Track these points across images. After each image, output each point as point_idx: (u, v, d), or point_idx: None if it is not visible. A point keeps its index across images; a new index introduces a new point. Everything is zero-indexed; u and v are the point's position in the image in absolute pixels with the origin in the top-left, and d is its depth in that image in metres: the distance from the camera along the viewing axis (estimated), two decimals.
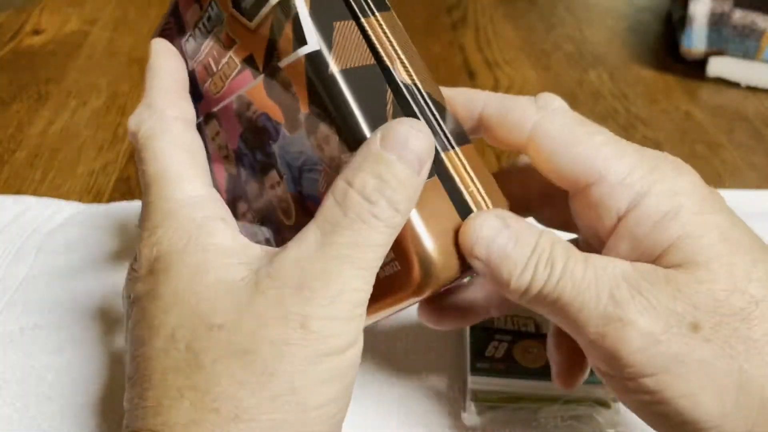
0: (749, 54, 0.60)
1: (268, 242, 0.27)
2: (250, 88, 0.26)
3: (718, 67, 0.61)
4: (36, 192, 0.49)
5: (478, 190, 0.25)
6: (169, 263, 0.23)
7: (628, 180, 0.24)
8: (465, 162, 0.25)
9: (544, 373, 0.31)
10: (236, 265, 0.23)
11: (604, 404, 0.31)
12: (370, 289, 0.23)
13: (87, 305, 0.38)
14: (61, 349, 0.36)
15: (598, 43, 0.70)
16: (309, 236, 0.22)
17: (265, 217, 0.27)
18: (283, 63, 0.24)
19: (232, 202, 0.28)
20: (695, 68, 0.63)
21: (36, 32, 0.71)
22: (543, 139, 0.25)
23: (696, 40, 0.61)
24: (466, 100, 0.27)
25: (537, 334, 0.33)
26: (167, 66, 0.27)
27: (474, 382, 0.32)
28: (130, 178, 0.50)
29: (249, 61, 0.25)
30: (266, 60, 0.25)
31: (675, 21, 0.66)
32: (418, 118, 0.24)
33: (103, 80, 0.63)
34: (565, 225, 0.29)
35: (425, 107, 0.25)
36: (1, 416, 0.32)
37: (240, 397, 0.21)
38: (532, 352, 0.32)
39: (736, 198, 0.47)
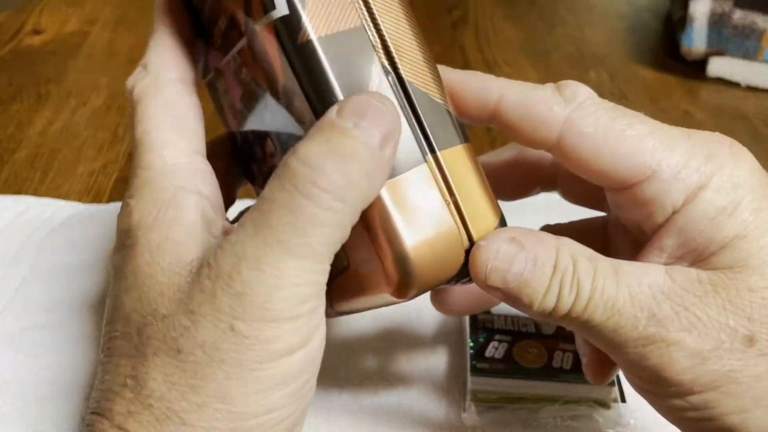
0: (749, 54, 0.60)
1: None
2: (239, 48, 0.23)
3: (718, 67, 0.61)
4: (36, 192, 0.49)
5: (456, 204, 0.22)
6: (136, 239, 0.21)
7: (683, 173, 0.21)
8: (446, 170, 0.22)
9: (544, 373, 0.31)
10: (192, 246, 0.21)
11: (604, 404, 0.31)
12: (323, 280, 0.20)
13: (87, 305, 0.38)
14: (61, 349, 0.36)
15: (598, 43, 0.70)
16: (247, 218, 0.20)
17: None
18: (258, 26, 0.21)
19: (247, 163, 0.26)
20: (695, 68, 0.63)
21: (36, 32, 0.71)
22: (578, 139, 0.22)
23: (696, 40, 0.61)
24: (480, 88, 0.24)
25: (537, 334, 0.33)
26: (167, 23, 0.25)
27: (474, 382, 0.32)
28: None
29: (233, 20, 0.23)
30: (246, 21, 0.22)
31: (675, 21, 0.66)
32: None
33: (102, 80, 0.63)
34: (597, 204, 0.27)
35: (402, 99, 0.21)
36: (2, 416, 0.32)
37: (171, 398, 0.19)
38: (532, 353, 0.32)
39: None
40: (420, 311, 0.37)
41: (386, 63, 0.21)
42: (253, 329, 0.19)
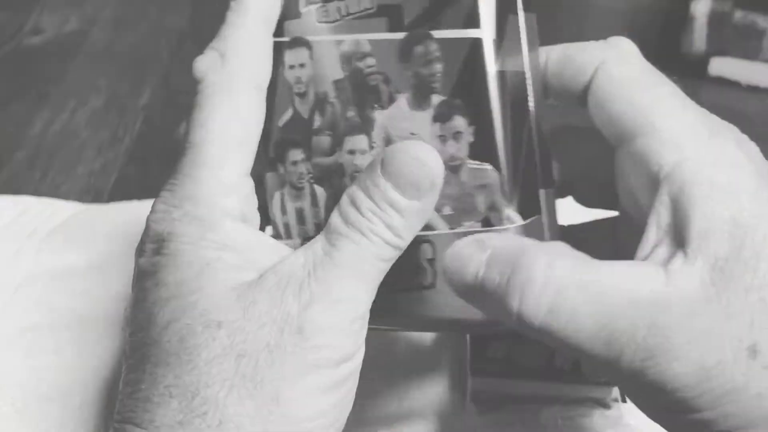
0: (750, 54, 0.60)
1: (312, 198, 0.25)
2: (378, 38, 0.22)
3: (719, 66, 0.61)
4: (36, 192, 0.49)
5: None
6: (179, 251, 0.22)
7: (682, 139, 0.21)
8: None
9: (545, 373, 0.31)
10: (247, 267, 0.22)
11: (604, 404, 0.31)
12: (370, 303, 0.22)
13: (86, 305, 0.38)
14: (60, 349, 0.36)
15: None
16: (317, 242, 0.22)
17: (323, 177, 0.25)
18: (440, 34, 0.21)
19: (282, 144, 0.25)
20: (696, 68, 0.63)
21: (35, 32, 0.71)
22: (603, 80, 0.23)
23: (696, 39, 0.61)
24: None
25: None
26: (259, 5, 0.23)
27: (474, 382, 0.32)
28: (129, 178, 0.50)
29: (389, 9, 0.22)
30: (417, 19, 0.21)
31: (675, 21, 0.66)
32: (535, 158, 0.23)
33: (102, 80, 0.63)
34: (608, 204, 0.27)
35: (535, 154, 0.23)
36: (1, 416, 0.32)
37: (227, 403, 0.20)
38: (533, 353, 0.32)
39: None
40: None
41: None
42: (316, 333, 0.20)
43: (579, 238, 0.23)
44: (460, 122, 0.22)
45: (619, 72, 0.23)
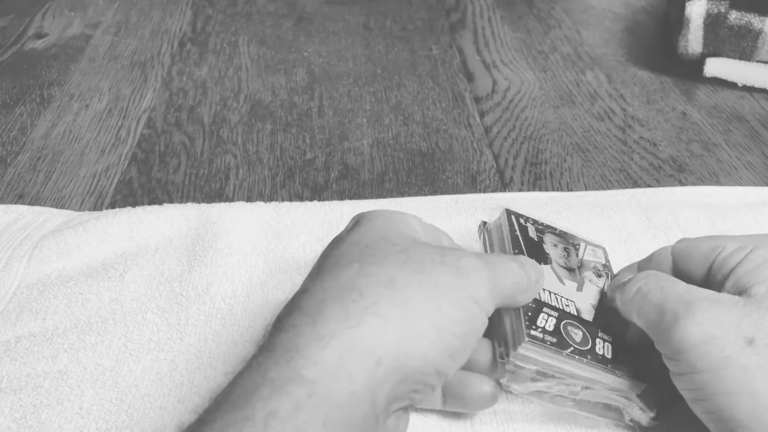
0: (745, 54, 0.60)
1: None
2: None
3: (714, 67, 0.62)
4: (38, 194, 0.49)
5: None
6: (371, 217, 0.32)
7: (739, 246, 0.31)
8: None
9: (593, 357, 0.31)
10: (416, 230, 0.32)
11: (640, 404, 0.32)
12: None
13: (81, 312, 0.38)
14: (56, 356, 0.36)
15: (595, 44, 0.70)
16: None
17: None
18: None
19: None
20: (692, 69, 0.63)
21: (39, 36, 0.72)
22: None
23: (692, 40, 0.61)
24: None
25: (578, 317, 0.33)
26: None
27: (526, 348, 0.31)
28: (132, 180, 0.51)
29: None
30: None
31: (672, 22, 0.67)
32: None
33: (105, 83, 0.63)
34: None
35: None
36: None
37: (398, 274, 0.28)
38: (578, 334, 0.32)
39: (734, 193, 0.47)
40: None
41: None
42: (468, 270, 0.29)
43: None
44: None
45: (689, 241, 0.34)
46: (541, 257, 0.35)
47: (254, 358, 0.25)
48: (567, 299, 0.34)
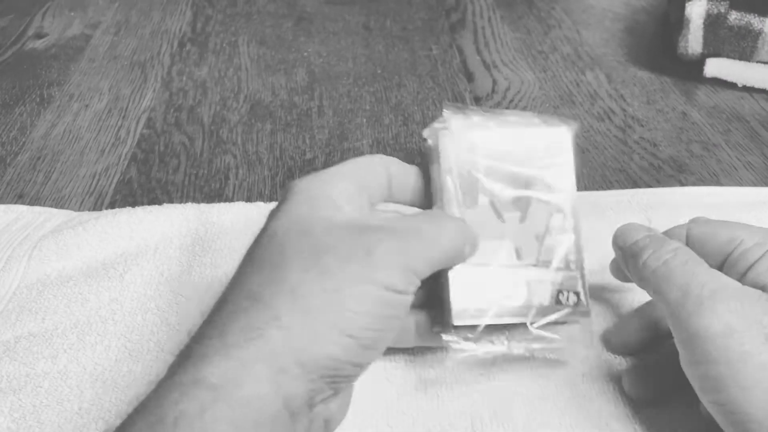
0: (745, 55, 0.60)
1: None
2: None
3: (714, 67, 0.62)
4: (38, 194, 0.49)
5: None
6: (294, 193, 0.30)
7: (759, 241, 0.31)
8: None
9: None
10: (340, 206, 0.30)
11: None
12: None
13: (81, 312, 0.38)
14: (56, 357, 0.36)
15: (595, 44, 0.70)
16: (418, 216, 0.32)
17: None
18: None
19: None
20: (692, 69, 0.63)
21: (39, 36, 0.72)
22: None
23: (692, 41, 0.61)
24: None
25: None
26: None
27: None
28: (131, 180, 0.50)
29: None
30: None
31: (672, 22, 0.67)
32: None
33: (105, 83, 0.63)
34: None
35: None
36: None
37: (302, 279, 0.27)
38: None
39: (734, 193, 0.47)
40: None
41: None
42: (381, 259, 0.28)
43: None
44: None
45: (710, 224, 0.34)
46: (478, 195, 0.33)
47: (171, 366, 0.27)
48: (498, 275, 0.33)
